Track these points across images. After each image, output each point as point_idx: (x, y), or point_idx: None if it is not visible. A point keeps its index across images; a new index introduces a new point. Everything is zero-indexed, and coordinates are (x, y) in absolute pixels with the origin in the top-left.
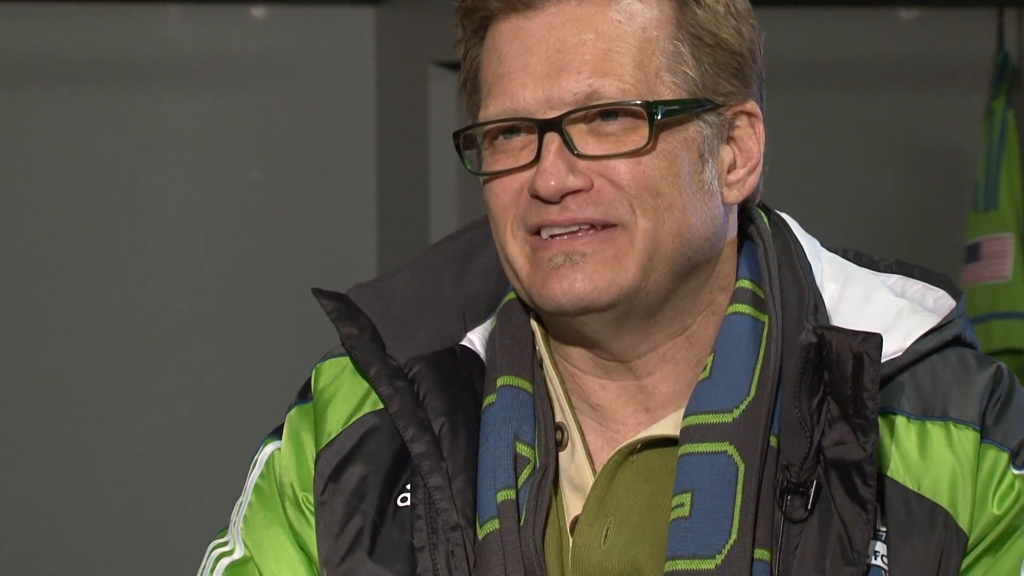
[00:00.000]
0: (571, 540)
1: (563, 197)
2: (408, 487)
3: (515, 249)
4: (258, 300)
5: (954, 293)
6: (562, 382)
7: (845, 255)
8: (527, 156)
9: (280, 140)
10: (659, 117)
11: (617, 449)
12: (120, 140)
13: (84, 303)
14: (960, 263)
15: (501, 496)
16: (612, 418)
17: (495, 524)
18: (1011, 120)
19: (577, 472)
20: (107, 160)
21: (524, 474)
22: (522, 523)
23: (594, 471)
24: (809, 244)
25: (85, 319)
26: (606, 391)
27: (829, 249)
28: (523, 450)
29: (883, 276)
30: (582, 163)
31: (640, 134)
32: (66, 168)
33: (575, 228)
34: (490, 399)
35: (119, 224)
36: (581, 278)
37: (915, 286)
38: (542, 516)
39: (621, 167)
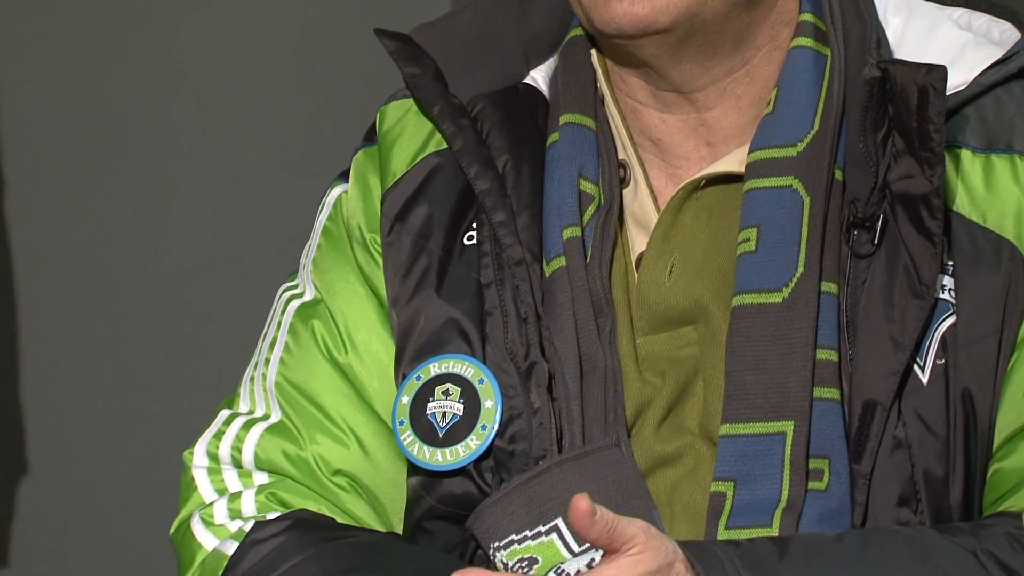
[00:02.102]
0: (636, 276)
1: None
2: (474, 225)
3: None
4: (326, 42)
5: (1020, 26)
6: (623, 119)
7: None
8: None
9: None
10: None
11: (681, 185)
12: None
13: (140, 47)
14: None
15: (567, 233)
16: (674, 153)
17: (562, 261)
18: None
19: (641, 209)
20: None
21: (589, 211)
22: (588, 260)
23: (657, 208)
24: None
25: (145, 63)
26: (667, 125)
27: None
28: (587, 187)
29: (948, 10)
30: None
31: None
32: None
33: None
34: (553, 137)
35: None
36: None
37: (981, 19)
38: (608, 252)
39: None
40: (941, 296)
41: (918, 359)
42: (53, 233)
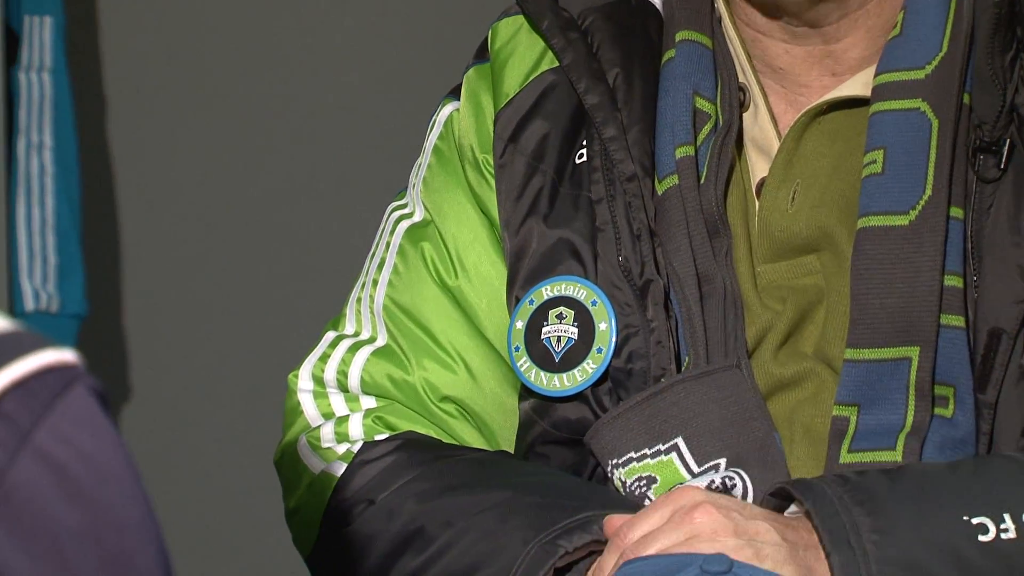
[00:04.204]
0: (757, 203)
1: None
2: (584, 143)
3: None
4: None
5: None
6: (742, 43)
7: None
8: None
9: None
10: None
11: (804, 111)
12: None
13: None
14: None
15: (680, 152)
16: (796, 81)
17: (674, 180)
18: None
19: (761, 134)
20: None
21: (704, 131)
22: (702, 181)
23: (779, 134)
24: None
25: None
26: (790, 55)
27: None
28: (703, 106)
29: None
30: None
31: None
32: None
33: None
34: (670, 54)
35: None
36: None
37: None
38: (724, 175)
39: None
40: None
41: None
42: (155, 153)
